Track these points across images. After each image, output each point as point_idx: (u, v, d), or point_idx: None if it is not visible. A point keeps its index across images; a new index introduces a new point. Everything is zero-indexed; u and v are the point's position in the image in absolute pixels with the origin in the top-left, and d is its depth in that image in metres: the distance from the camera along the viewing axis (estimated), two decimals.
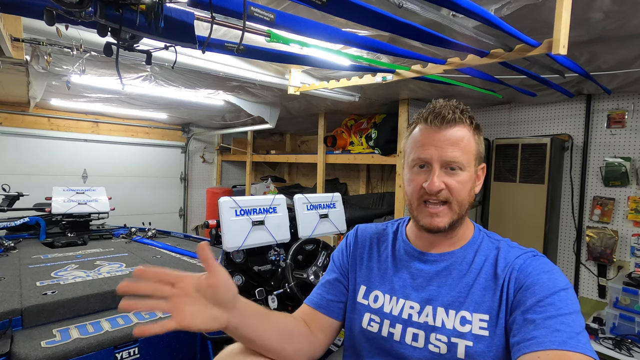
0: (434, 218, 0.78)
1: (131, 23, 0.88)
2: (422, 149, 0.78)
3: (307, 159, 4.06)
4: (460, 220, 0.80)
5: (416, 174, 0.80)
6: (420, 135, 0.80)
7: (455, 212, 0.78)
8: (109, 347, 1.53)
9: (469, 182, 0.78)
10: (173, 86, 2.70)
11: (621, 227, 2.43)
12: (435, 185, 0.75)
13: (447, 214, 0.77)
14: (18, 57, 1.68)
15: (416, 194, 0.79)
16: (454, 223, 0.79)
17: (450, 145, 0.76)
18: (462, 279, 0.78)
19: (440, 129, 0.77)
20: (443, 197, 0.77)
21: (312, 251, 1.92)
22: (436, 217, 0.77)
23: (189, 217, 5.41)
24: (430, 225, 0.78)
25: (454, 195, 0.77)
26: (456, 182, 0.76)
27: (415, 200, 0.80)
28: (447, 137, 0.76)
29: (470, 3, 1.02)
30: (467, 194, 0.78)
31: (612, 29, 1.42)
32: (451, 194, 0.77)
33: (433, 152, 0.76)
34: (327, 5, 0.96)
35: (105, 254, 2.58)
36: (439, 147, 0.76)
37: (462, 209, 0.78)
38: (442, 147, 0.76)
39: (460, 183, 0.77)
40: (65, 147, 4.32)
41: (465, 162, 0.77)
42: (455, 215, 0.78)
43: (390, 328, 0.80)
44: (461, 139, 0.77)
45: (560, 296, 0.67)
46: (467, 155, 0.77)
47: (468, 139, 0.78)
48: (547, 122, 2.79)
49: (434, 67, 1.73)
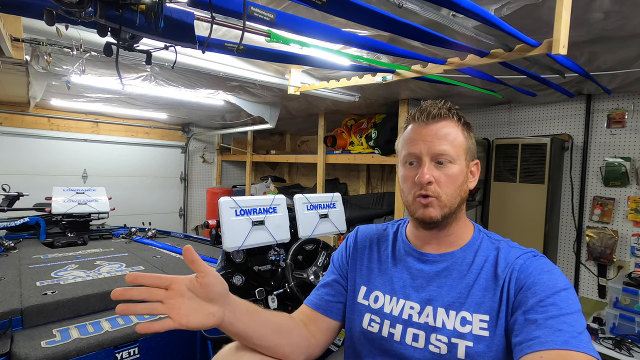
0: (427, 208, 0.79)
1: (131, 23, 0.88)
2: (411, 144, 0.81)
3: (307, 159, 4.06)
4: (454, 215, 0.81)
5: (408, 170, 0.82)
6: (409, 133, 0.83)
7: (446, 206, 0.79)
8: (109, 347, 1.53)
9: (460, 176, 0.80)
10: (173, 86, 2.71)
11: (621, 227, 2.43)
12: (424, 177, 0.77)
13: (436, 205, 0.79)
14: (18, 57, 1.68)
15: (410, 189, 0.81)
16: (447, 216, 0.80)
17: (437, 139, 0.78)
18: (462, 280, 0.78)
19: (427, 124, 0.80)
20: (432, 191, 0.78)
21: (312, 251, 1.92)
22: (428, 207, 0.79)
23: (189, 217, 5.41)
24: (424, 215, 0.79)
25: (443, 189, 0.78)
26: (445, 176, 0.78)
27: (410, 196, 0.82)
28: (434, 131, 0.79)
29: (470, 3, 1.02)
30: (456, 187, 0.79)
31: (612, 29, 1.42)
32: (440, 188, 0.78)
33: (422, 146, 0.79)
34: (327, 5, 0.96)
35: (105, 254, 2.58)
36: (427, 141, 0.79)
37: (452, 203, 0.79)
38: (430, 141, 0.78)
39: (449, 176, 0.78)
40: (65, 147, 4.32)
41: (454, 155, 0.78)
42: (446, 208, 0.79)
43: (391, 328, 0.80)
44: (448, 133, 0.79)
45: (561, 296, 0.67)
46: (456, 148, 0.79)
47: (456, 133, 0.80)
48: (547, 122, 2.79)
49: (434, 67, 1.73)
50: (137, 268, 2.23)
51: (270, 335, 0.80)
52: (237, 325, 0.74)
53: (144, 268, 2.24)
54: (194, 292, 0.68)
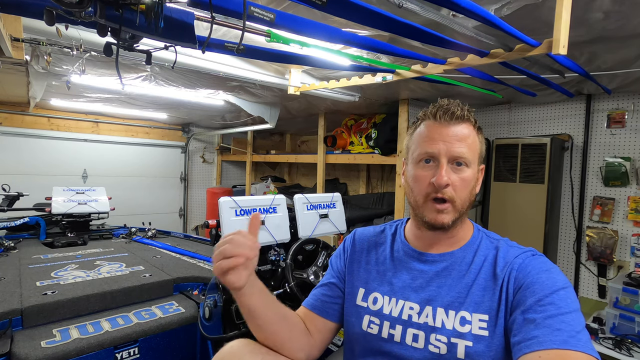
0: (440, 214, 0.78)
1: (131, 23, 0.88)
2: (429, 143, 0.78)
3: (307, 159, 4.06)
4: (461, 218, 0.81)
5: (422, 170, 0.79)
6: (427, 131, 0.80)
7: (458, 211, 0.78)
8: (109, 347, 1.53)
9: (472, 181, 0.79)
10: (173, 86, 2.70)
11: (621, 227, 2.43)
12: (443, 179, 0.75)
13: (451, 211, 0.78)
14: (18, 57, 1.68)
15: (423, 190, 0.79)
16: (456, 221, 0.79)
17: (457, 140, 0.77)
18: (461, 279, 0.78)
19: (449, 124, 0.78)
20: (448, 195, 0.77)
21: (312, 251, 1.92)
22: (442, 213, 0.78)
23: (189, 217, 5.41)
24: (435, 221, 0.78)
25: (457, 193, 0.77)
26: (460, 180, 0.77)
27: (421, 197, 0.80)
28: (455, 132, 0.77)
29: (470, 3, 1.02)
30: (469, 192, 0.79)
31: (612, 29, 1.42)
32: (455, 192, 0.77)
33: (441, 146, 0.77)
34: (327, 5, 0.96)
35: (105, 254, 2.58)
36: (447, 142, 0.77)
37: (463, 207, 0.79)
38: (451, 142, 0.77)
39: (464, 180, 0.77)
40: (65, 147, 4.32)
41: (471, 159, 0.78)
42: (458, 213, 0.79)
43: (390, 329, 0.80)
44: (468, 136, 0.78)
45: (560, 295, 0.67)
46: (473, 152, 0.78)
47: (474, 137, 0.79)
48: (547, 122, 2.79)
49: (434, 67, 1.73)
50: (137, 268, 2.23)
51: (275, 319, 0.82)
52: (250, 298, 0.78)
53: (144, 268, 2.24)
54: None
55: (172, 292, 2.07)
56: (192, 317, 1.83)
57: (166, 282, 2.05)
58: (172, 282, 2.07)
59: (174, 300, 1.96)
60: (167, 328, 1.73)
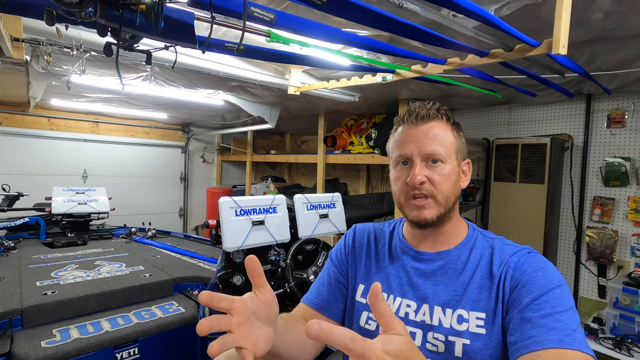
0: (421, 211, 0.79)
1: (131, 23, 0.88)
2: (402, 146, 0.81)
3: (307, 159, 4.06)
4: (449, 214, 0.81)
5: (400, 171, 0.82)
6: (401, 134, 0.83)
7: (442, 205, 0.79)
8: (109, 347, 1.53)
9: (452, 175, 0.80)
10: (173, 86, 2.71)
11: (621, 227, 2.43)
12: (416, 178, 0.77)
13: (433, 207, 0.79)
14: (18, 57, 1.68)
15: (402, 190, 0.81)
16: (442, 216, 0.80)
17: (427, 139, 0.79)
18: (458, 278, 0.79)
19: (416, 125, 0.80)
20: (426, 190, 0.78)
21: (312, 251, 1.92)
22: (423, 209, 0.79)
23: (189, 217, 5.41)
24: (418, 218, 0.79)
25: (437, 188, 0.78)
26: (438, 175, 0.78)
27: (402, 197, 0.82)
28: (424, 132, 0.79)
29: (470, 3, 1.02)
30: (450, 186, 0.80)
31: (612, 29, 1.42)
32: (434, 187, 0.78)
33: (412, 147, 0.79)
34: (327, 5, 0.96)
35: (105, 254, 2.58)
36: (417, 142, 0.79)
37: (447, 202, 0.79)
38: (421, 142, 0.79)
39: (442, 175, 0.78)
40: (65, 147, 4.33)
41: (445, 155, 0.79)
42: (442, 208, 0.79)
43: None
44: (438, 134, 0.80)
45: (555, 293, 0.67)
46: (446, 148, 0.79)
47: (445, 133, 0.80)
48: (547, 122, 2.79)
49: (434, 67, 1.73)
50: (137, 268, 2.23)
51: (296, 351, 0.77)
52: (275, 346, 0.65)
53: (144, 268, 2.24)
54: (257, 313, 0.59)
55: (172, 292, 2.07)
56: (192, 317, 1.83)
57: (166, 282, 2.05)
58: (172, 282, 2.07)
59: (174, 300, 1.96)
60: (167, 328, 1.73)
